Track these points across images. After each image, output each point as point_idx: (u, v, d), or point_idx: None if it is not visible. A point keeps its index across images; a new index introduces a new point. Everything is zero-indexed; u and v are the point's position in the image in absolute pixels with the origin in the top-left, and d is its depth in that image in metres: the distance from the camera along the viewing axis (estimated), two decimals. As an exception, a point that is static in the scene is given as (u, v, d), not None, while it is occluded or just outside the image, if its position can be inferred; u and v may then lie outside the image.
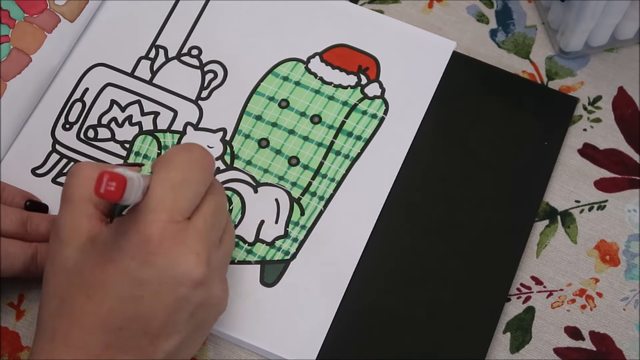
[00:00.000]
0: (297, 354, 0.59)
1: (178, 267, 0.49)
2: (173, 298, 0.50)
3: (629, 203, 0.64)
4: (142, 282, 0.49)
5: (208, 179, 0.52)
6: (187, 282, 0.50)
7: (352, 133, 0.65)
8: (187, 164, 0.52)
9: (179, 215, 0.50)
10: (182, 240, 0.50)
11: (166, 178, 0.51)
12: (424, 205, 0.63)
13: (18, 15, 0.65)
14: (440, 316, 0.60)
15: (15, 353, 0.59)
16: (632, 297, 0.62)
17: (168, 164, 0.51)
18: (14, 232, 0.58)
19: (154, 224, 0.49)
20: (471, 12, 0.70)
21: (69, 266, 0.51)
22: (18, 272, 0.58)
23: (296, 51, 0.68)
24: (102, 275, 0.50)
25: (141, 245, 0.49)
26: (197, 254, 0.50)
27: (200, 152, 0.53)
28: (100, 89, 0.66)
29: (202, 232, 0.51)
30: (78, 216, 0.52)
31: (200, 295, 0.51)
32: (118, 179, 0.46)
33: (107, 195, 0.46)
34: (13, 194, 0.61)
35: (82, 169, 0.54)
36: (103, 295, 0.50)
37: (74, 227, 0.52)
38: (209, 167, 0.53)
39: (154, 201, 0.50)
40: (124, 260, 0.49)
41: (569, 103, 0.67)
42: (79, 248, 0.51)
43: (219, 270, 0.53)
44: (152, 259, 0.49)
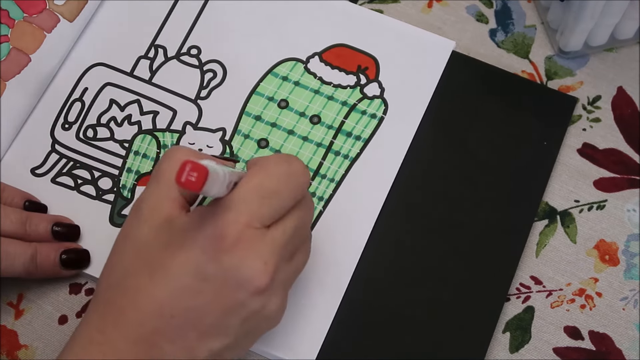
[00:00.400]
0: (297, 354, 0.59)
1: (243, 271, 0.49)
2: (231, 300, 0.50)
3: (628, 203, 0.64)
4: (205, 276, 0.49)
5: (299, 195, 0.52)
6: (248, 287, 0.50)
7: (351, 133, 0.65)
8: (283, 176, 0.51)
9: (258, 222, 0.50)
10: (254, 247, 0.49)
11: (258, 184, 0.50)
12: (423, 205, 0.63)
13: (17, 15, 0.65)
14: (440, 316, 0.60)
15: (13, 352, 0.59)
16: (631, 297, 0.62)
17: (264, 170, 0.51)
18: (13, 232, 0.59)
19: (232, 224, 0.49)
20: (471, 12, 0.70)
21: (141, 243, 0.51)
22: (17, 272, 0.58)
23: (296, 51, 0.68)
24: (169, 260, 0.49)
25: (214, 241, 0.49)
26: (265, 262, 0.50)
27: (299, 168, 0.52)
28: (100, 88, 0.66)
29: (276, 244, 0.50)
30: (162, 197, 0.52)
31: (258, 304, 0.50)
32: (200, 170, 0.45)
33: (187, 185, 0.45)
34: (12, 195, 0.61)
35: (177, 152, 0.53)
36: (165, 280, 0.49)
37: (155, 206, 0.51)
38: (304, 184, 0.53)
39: (238, 201, 0.49)
40: (193, 251, 0.49)
41: (569, 103, 0.67)
42: (156, 228, 0.51)
43: (282, 284, 0.52)
44: (221, 257, 0.49)
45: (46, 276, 0.60)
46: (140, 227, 0.51)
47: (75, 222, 0.62)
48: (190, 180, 0.45)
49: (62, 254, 0.60)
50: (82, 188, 0.64)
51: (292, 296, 0.60)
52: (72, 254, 0.60)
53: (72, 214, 0.62)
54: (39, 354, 0.60)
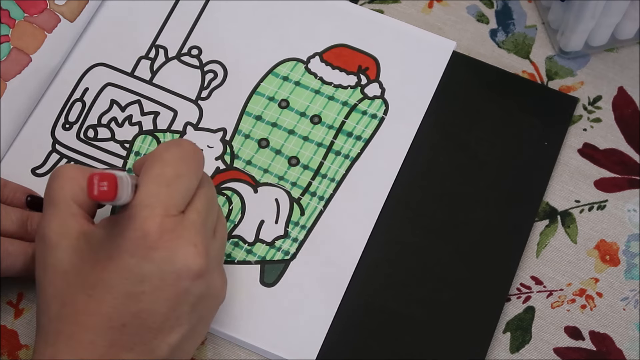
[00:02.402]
0: (297, 354, 0.59)
1: (177, 261, 0.50)
2: (174, 291, 0.50)
3: (629, 203, 0.64)
4: (142, 277, 0.49)
5: (199, 173, 0.53)
6: (188, 274, 0.50)
7: (352, 133, 0.65)
8: (179, 159, 0.52)
9: (174, 209, 0.50)
10: (179, 234, 0.50)
11: (159, 174, 0.51)
12: (423, 205, 0.63)
13: (18, 15, 0.66)
14: (440, 316, 0.60)
15: (14, 351, 0.60)
16: (632, 297, 0.62)
17: (160, 160, 0.51)
18: (14, 231, 0.58)
19: (150, 219, 0.49)
20: (471, 12, 0.70)
21: (65, 268, 0.51)
22: (18, 272, 0.58)
23: (296, 51, 0.68)
24: (102, 274, 0.50)
25: (139, 241, 0.49)
26: (195, 246, 0.50)
27: (190, 147, 0.53)
28: (100, 88, 0.66)
29: (197, 225, 0.51)
30: (64, 217, 0.52)
31: (201, 287, 0.51)
32: (109, 178, 0.46)
33: (102, 196, 0.46)
34: (14, 190, 0.61)
35: (64, 170, 0.54)
36: (104, 294, 0.50)
37: (61, 228, 0.52)
38: (200, 161, 0.53)
39: (148, 197, 0.50)
40: (123, 258, 0.49)
41: (569, 103, 0.67)
42: (72, 248, 0.51)
43: (216, 260, 0.53)
44: (151, 254, 0.49)
45: (46, 276, 0.60)
46: (56, 253, 0.51)
47: (75, 222, 0.62)
48: (103, 190, 0.46)
49: (62, 253, 0.60)
50: (82, 188, 0.64)
51: (292, 296, 0.60)
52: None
53: (73, 214, 0.62)
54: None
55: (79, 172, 0.54)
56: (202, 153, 0.54)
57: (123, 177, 0.48)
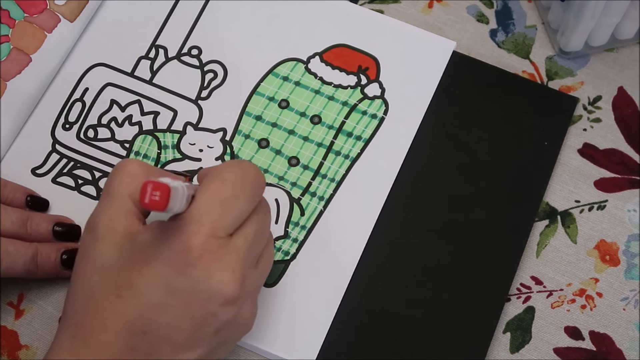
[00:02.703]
0: (297, 354, 0.59)
1: (212, 282, 0.49)
2: (202, 312, 0.50)
3: (629, 203, 0.64)
4: (174, 291, 0.49)
5: (257, 198, 0.52)
6: (219, 298, 0.49)
7: (352, 133, 0.65)
8: (239, 181, 0.51)
9: (222, 231, 0.50)
10: (220, 257, 0.49)
11: (216, 192, 0.50)
12: (423, 205, 0.63)
13: (18, 15, 0.66)
14: (440, 316, 0.60)
15: (14, 352, 0.60)
16: (632, 297, 0.62)
17: (219, 178, 0.51)
18: (14, 232, 0.59)
19: (196, 236, 0.49)
20: (471, 12, 0.70)
21: (103, 262, 0.51)
22: (18, 273, 0.58)
23: (296, 51, 0.68)
24: (137, 278, 0.49)
25: (180, 255, 0.49)
26: (233, 272, 0.50)
27: (253, 171, 0.52)
28: (100, 88, 0.66)
29: (241, 251, 0.50)
30: (117, 211, 0.52)
31: (229, 314, 0.51)
32: (162, 189, 0.46)
33: (152, 205, 0.46)
34: (14, 190, 0.61)
35: (127, 165, 0.53)
36: (133, 297, 0.49)
37: (111, 222, 0.51)
38: (260, 186, 0.52)
39: (199, 212, 0.49)
40: (160, 266, 0.49)
41: (569, 103, 0.67)
42: (115, 244, 0.51)
43: (252, 290, 0.52)
44: (189, 270, 0.49)
45: (47, 276, 0.60)
46: (99, 246, 0.51)
47: (76, 222, 0.62)
48: (155, 200, 0.46)
49: (63, 254, 0.60)
50: (82, 188, 0.64)
51: (292, 296, 0.60)
52: (73, 253, 0.60)
53: (73, 214, 0.62)
54: (39, 354, 0.60)
55: (142, 169, 0.53)
56: (264, 178, 0.53)
57: (179, 188, 0.47)
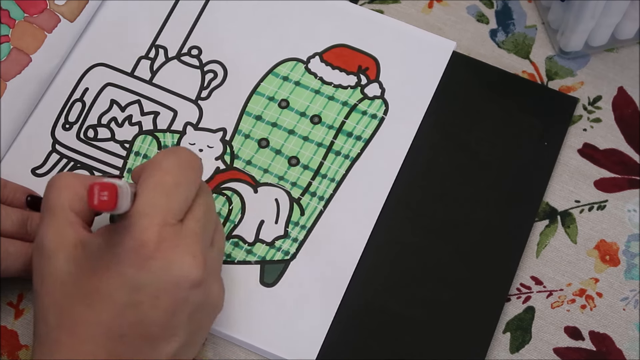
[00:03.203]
0: (297, 354, 0.59)
1: (175, 270, 0.49)
2: (172, 301, 0.50)
3: (629, 203, 0.64)
4: (140, 287, 0.49)
5: (198, 181, 0.53)
6: (185, 284, 0.50)
7: (352, 133, 0.65)
8: (177, 167, 0.51)
9: (173, 218, 0.50)
10: (177, 243, 0.50)
11: (158, 182, 0.50)
12: (423, 205, 0.63)
13: (18, 15, 0.66)
14: (440, 316, 0.60)
15: (14, 352, 0.60)
16: (632, 297, 0.62)
17: (158, 169, 0.51)
18: (14, 232, 0.58)
19: (149, 229, 0.49)
20: (471, 12, 0.70)
21: (62, 277, 0.51)
22: (18, 272, 0.58)
23: (296, 51, 0.68)
24: (100, 284, 0.49)
25: (137, 251, 0.49)
26: (193, 255, 0.50)
27: (188, 155, 0.53)
28: (100, 88, 0.66)
29: (196, 234, 0.51)
30: (62, 225, 0.52)
31: (199, 296, 0.51)
32: (109, 188, 0.46)
33: (102, 206, 0.46)
34: (14, 190, 0.61)
35: (61, 178, 0.53)
36: (102, 304, 0.49)
37: (58, 237, 0.51)
38: (198, 169, 0.53)
39: (146, 206, 0.49)
40: (120, 267, 0.49)
41: (569, 103, 0.67)
42: (69, 257, 0.51)
43: (214, 269, 0.53)
44: (149, 264, 0.49)
45: (46, 276, 0.60)
46: (53, 263, 0.51)
47: (75, 222, 0.62)
48: (104, 200, 0.46)
49: (63, 254, 0.60)
50: (82, 188, 0.64)
51: (292, 296, 0.60)
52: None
53: (73, 214, 0.62)
54: (39, 354, 0.60)
55: (76, 180, 0.53)
56: (201, 161, 0.54)
57: (123, 187, 0.48)
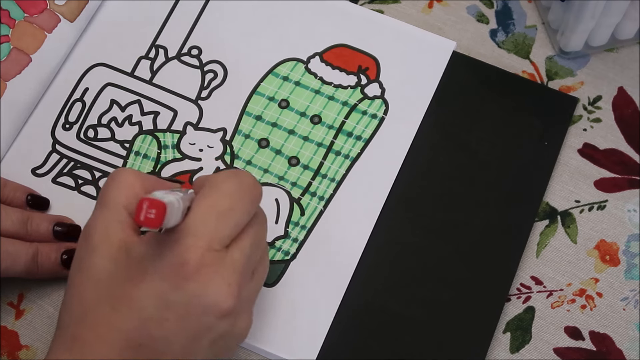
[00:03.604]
0: (297, 354, 0.59)
1: (208, 296, 0.49)
2: (197, 325, 0.49)
3: (629, 203, 0.64)
4: (170, 304, 0.49)
5: (253, 210, 0.52)
6: (215, 311, 0.49)
7: (352, 133, 0.65)
8: (236, 193, 0.51)
9: (218, 244, 0.49)
10: (216, 270, 0.49)
11: (212, 204, 0.50)
12: (424, 205, 0.63)
13: (18, 15, 0.66)
14: (440, 316, 0.60)
15: (14, 352, 0.60)
16: (632, 297, 0.62)
17: (216, 190, 0.51)
18: (14, 232, 0.59)
19: (192, 249, 0.49)
20: (471, 12, 0.70)
21: (98, 274, 0.50)
22: (19, 272, 0.58)
23: (296, 51, 0.68)
24: (132, 291, 0.49)
25: (176, 268, 0.49)
26: (229, 285, 0.49)
27: (250, 182, 0.52)
28: (100, 88, 0.66)
29: (237, 264, 0.50)
30: (111, 221, 0.51)
31: (225, 326, 0.50)
32: (158, 207, 0.45)
33: (147, 223, 0.45)
34: (14, 189, 0.61)
35: (123, 174, 0.53)
36: (129, 311, 0.49)
37: (105, 232, 0.51)
38: (257, 197, 0.52)
39: (195, 225, 0.49)
40: (156, 280, 0.49)
41: (569, 103, 0.67)
42: (111, 256, 0.50)
43: (247, 302, 0.52)
44: (184, 284, 0.49)
45: (47, 276, 0.60)
46: (94, 257, 0.51)
47: (76, 222, 0.62)
48: (150, 218, 0.45)
49: (63, 254, 0.60)
50: (82, 188, 0.64)
51: (292, 296, 0.60)
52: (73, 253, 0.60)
53: (73, 214, 0.62)
54: (40, 355, 0.60)
55: (137, 179, 0.53)
56: (261, 189, 0.53)
57: (174, 203, 0.47)
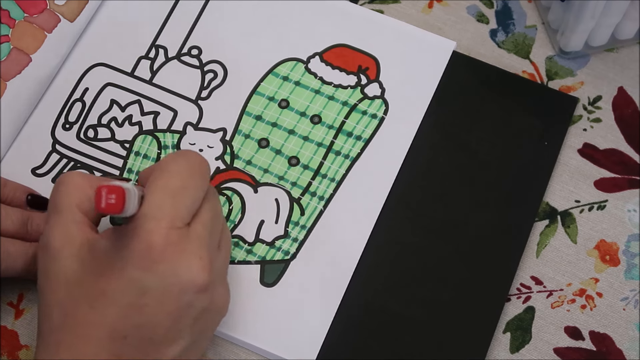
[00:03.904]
0: (297, 354, 0.59)
1: (181, 274, 0.49)
2: (177, 305, 0.50)
3: (629, 203, 0.64)
4: (145, 290, 0.49)
5: (205, 185, 0.52)
6: (191, 288, 0.50)
7: (352, 133, 0.65)
8: (185, 171, 0.51)
9: (180, 221, 0.50)
10: (184, 247, 0.49)
11: (165, 185, 0.50)
12: (423, 205, 0.63)
13: (18, 15, 0.66)
14: (440, 316, 0.60)
15: (14, 352, 0.60)
16: (632, 297, 0.62)
17: (166, 172, 0.51)
18: (14, 232, 0.58)
19: (155, 232, 0.49)
20: (471, 12, 0.70)
21: (67, 277, 0.51)
22: (19, 272, 0.58)
23: (296, 51, 0.68)
24: (105, 286, 0.49)
25: (144, 254, 0.49)
26: (199, 259, 0.50)
27: (197, 159, 0.53)
28: (100, 88, 0.66)
29: (202, 238, 0.51)
30: (68, 224, 0.52)
31: (204, 301, 0.51)
32: (117, 191, 0.46)
33: (109, 209, 0.46)
34: (14, 189, 0.61)
35: (70, 177, 0.53)
36: (107, 305, 0.49)
37: (65, 235, 0.51)
38: (206, 173, 0.53)
39: (154, 208, 0.49)
40: (126, 269, 0.49)
41: (569, 103, 0.67)
42: (75, 257, 0.51)
43: (220, 273, 0.53)
44: (155, 267, 0.49)
45: (47, 276, 0.60)
46: (59, 262, 0.51)
47: (76, 222, 0.62)
48: (111, 203, 0.46)
49: (63, 253, 0.60)
50: (82, 188, 0.64)
51: (292, 296, 0.60)
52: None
53: (73, 214, 0.62)
54: (39, 354, 0.60)
55: (85, 179, 0.53)
56: (209, 164, 0.53)
57: (130, 189, 0.48)
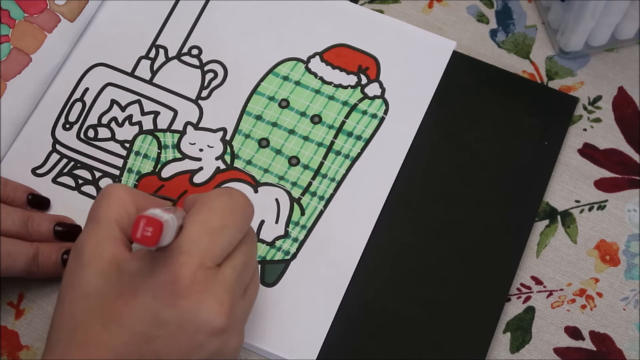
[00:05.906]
0: (297, 354, 0.59)
1: (200, 314, 0.49)
2: (189, 343, 0.49)
3: (629, 203, 0.64)
4: (161, 322, 0.49)
5: (245, 228, 0.52)
6: (206, 329, 0.49)
7: (352, 133, 0.65)
8: (228, 210, 0.51)
9: (211, 261, 0.49)
10: (208, 287, 0.49)
11: (204, 221, 0.50)
12: (424, 205, 0.63)
13: (18, 15, 0.66)
14: (440, 316, 0.60)
15: (14, 352, 0.60)
16: (632, 297, 0.62)
17: (208, 207, 0.50)
18: (15, 232, 0.59)
19: (184, 267, 0.48)
20: (471, 12, 0.70)
21: (89, 291, 0.50)
22: (19, 272, 0.58)
23: (296, 51, 0.68)
24: (123, 308, 0.49)
25: (168, 286, 0.48)
26: (221, 303, 0.49)
27: (242, 200, 0.52)
28: (101, 88, 0.66)
29: (229, 282, 0.50)
30: (103, 238, 0.51)
31: (216, 345, 0.50)
32: (155, 224, 0.46)
33: (143, 241, 0.46)
34: (15, 189, 0.61)
35: (114, 190, 0.53)
36: (119, 328, 0.49)
37: (97, 249, 0.51)
38: (249, 215, 0.52)
39: (188, 243, 0.49)
40: (148, 297, 0.49)
41: (569, 103, 0.67)
42: (102, 272, 0.50)
43: (239, 321, 0.52)
44: (177, 302, 0.48)
45: (47, 276, 0.60)
46: (85, 273, 0.50)
47: (76, 222, 0.62)
48: (146, 236, 0.46)
49: (64, 254, 0.60)
50: (83, 188, 0.64)
51: (292, 296, 0.60)
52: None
53: (73, 214, 0.62)
54: (40, 355, 0.60)
55: (128, 195, 0.53)
56: (253, 207, 0.53)
57: (170, 222, 0.47)
